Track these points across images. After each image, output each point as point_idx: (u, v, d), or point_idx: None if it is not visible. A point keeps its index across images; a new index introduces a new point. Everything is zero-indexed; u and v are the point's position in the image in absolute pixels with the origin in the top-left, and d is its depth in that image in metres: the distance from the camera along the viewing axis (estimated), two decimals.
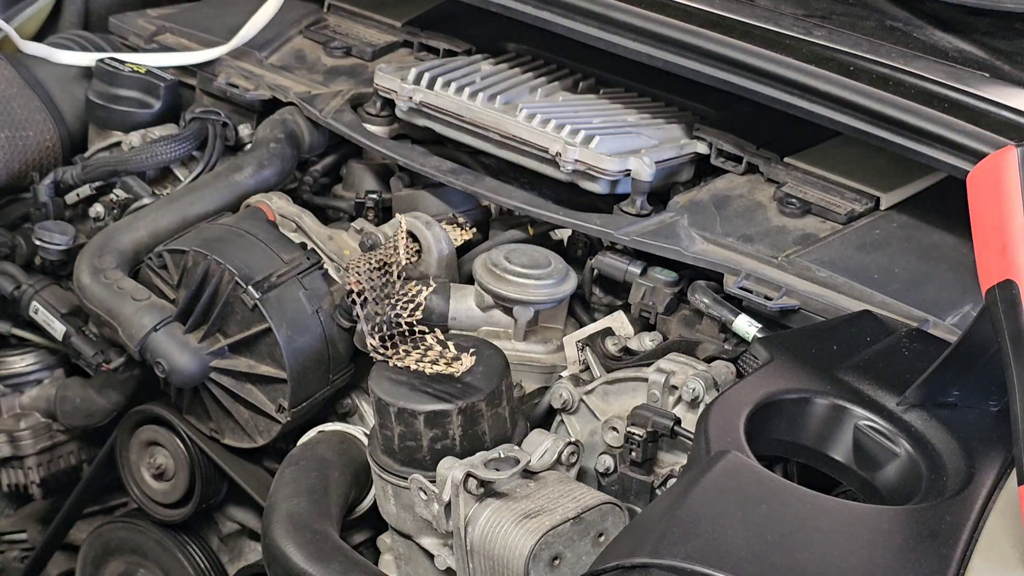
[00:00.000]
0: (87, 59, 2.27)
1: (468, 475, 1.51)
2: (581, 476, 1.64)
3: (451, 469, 1.53)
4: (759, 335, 1.67)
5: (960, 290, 1.68)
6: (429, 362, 1.57)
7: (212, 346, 1.84)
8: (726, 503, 1.25)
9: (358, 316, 1.73)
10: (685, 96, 2.08)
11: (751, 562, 1.19)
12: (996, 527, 1.26)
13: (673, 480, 1.60)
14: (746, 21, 1.84)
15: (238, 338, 1.83)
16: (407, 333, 1.63)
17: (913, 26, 1.92)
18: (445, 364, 1.56)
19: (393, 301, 1.73)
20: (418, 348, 1.60)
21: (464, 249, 1.95)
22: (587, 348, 1.75)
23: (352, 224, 1.98)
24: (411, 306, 1.70)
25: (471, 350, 1.57)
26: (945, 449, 1.39)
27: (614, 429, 1.66)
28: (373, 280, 1.78)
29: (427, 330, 1.62)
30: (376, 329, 1.70)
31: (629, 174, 1.87)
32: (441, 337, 1.61)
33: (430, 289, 1.75)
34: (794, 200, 1.85)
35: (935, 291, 1.69)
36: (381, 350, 1.61)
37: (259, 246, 1.85)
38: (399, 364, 1.58)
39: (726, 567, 1.17)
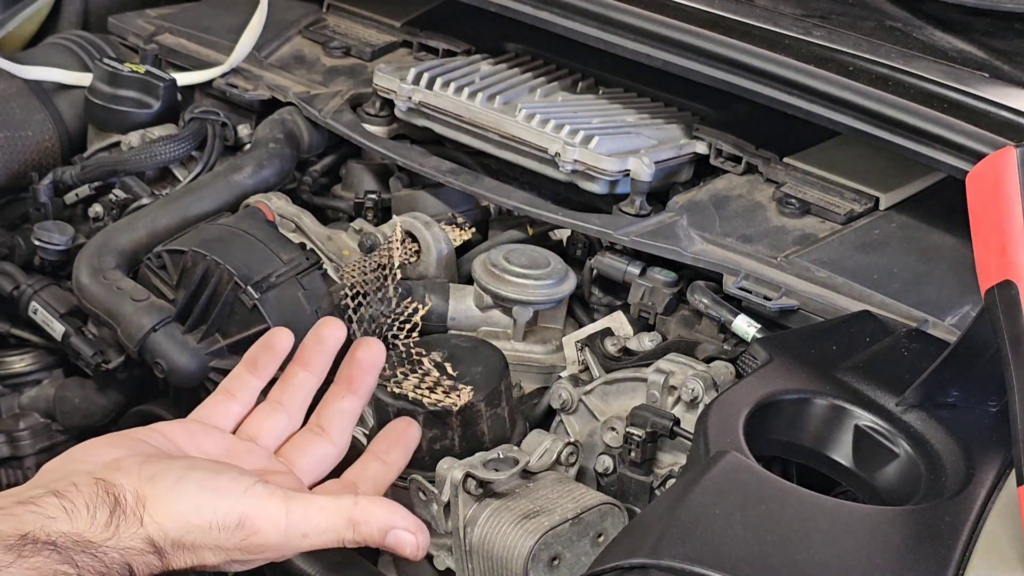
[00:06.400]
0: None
1: (467, 475, 1.51)
2: (580, 476, 1.63)
3: (450, 469, 1.53)
4: (758, 335, 1.66)
5: (960, 290, 1.67)
6: (427, 388, 1.56)
7: (211, 346, 1.83)
8: (725, 503, 1.24)
9: (354, 332, 1.73)
10: (685, 96, 2.08)
11: (750, 563, 1.18)
12: (996, 527, 1.26)
13: (672, 480, 1.60)
14: (745, 21, 1.84)
15: (237, 338, 1.82)
16: (404, 355, 1.62)
17: (912, 26, 1.92)
18: (443, 392, 1.56)
19: (390, 321, 1.72)
20: (415, 372, 1.59)
21: (464, 249, 1.95)
22: (586, 348, 1.74)
23: (351, 224, 1.98)
24: (408, 327, 1.69)
25: (470, 388, 1.57)
26: (945, 450, 1.38)
27: (613, 429, 1.66)
28: (367, 277, 1.77)
29: (424, 352, 1.62)
30: None
31: (628, 174, 1.87)
32: (439, 360, 1.60)
33: (426, 308, 1.74)
34: (793, 200, 1.85)
35: (934, 291, 1.69)
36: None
37: (258, 246, 1.85)
38: (396, 390, 1.57)
39: (725, 568, 1.17)
